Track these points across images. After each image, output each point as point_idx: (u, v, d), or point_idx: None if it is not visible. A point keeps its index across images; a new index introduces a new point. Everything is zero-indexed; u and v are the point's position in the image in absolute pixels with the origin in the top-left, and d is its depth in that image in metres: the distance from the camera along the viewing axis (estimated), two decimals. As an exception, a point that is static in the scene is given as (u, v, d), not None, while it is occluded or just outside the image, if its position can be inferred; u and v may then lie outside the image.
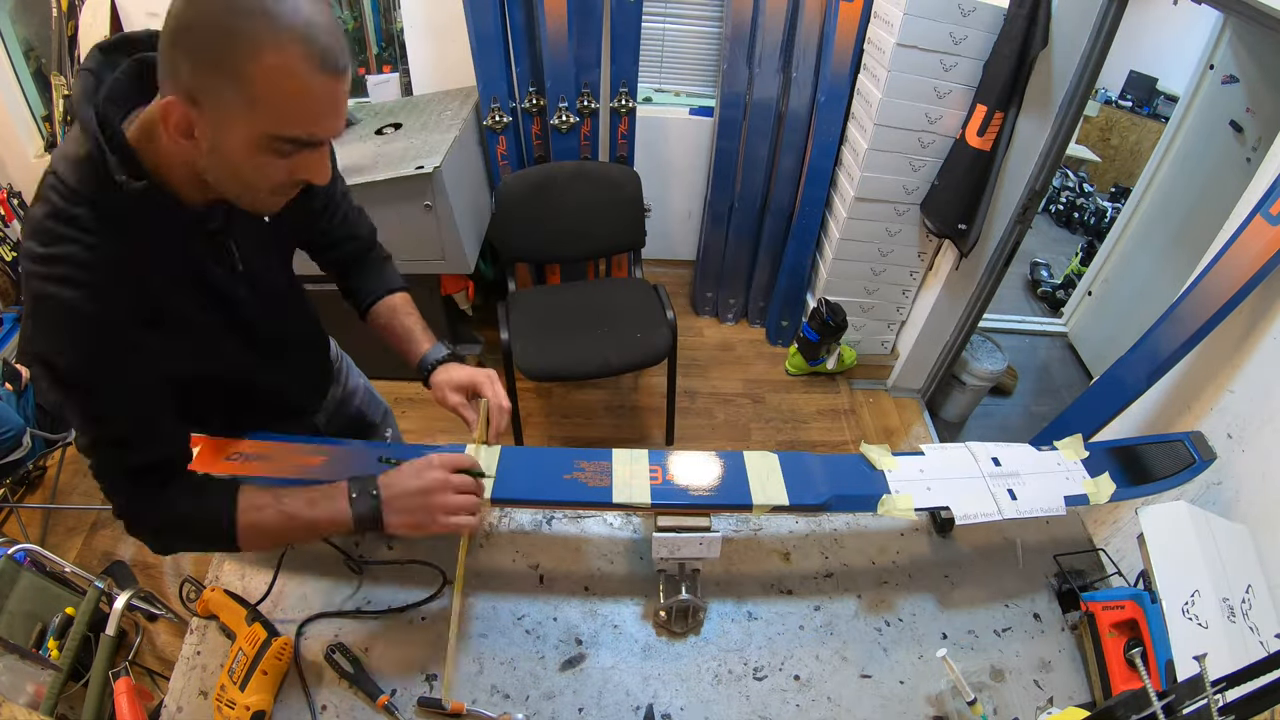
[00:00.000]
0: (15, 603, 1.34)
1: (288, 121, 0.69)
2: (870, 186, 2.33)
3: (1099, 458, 1.10)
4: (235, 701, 0.82)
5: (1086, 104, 2.04)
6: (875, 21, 2.22)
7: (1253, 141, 2.54)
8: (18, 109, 2.66)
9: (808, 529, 1.11)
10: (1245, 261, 1.22)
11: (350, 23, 2.54)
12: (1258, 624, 0.92)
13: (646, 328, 2.21)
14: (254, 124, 0.68)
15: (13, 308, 2.74)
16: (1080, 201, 4.51)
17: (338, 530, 0.86)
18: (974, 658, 0.97)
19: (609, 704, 0.90)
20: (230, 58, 0.64)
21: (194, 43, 0.65)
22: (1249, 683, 0.64)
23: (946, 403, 2.84)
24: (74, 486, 2.34)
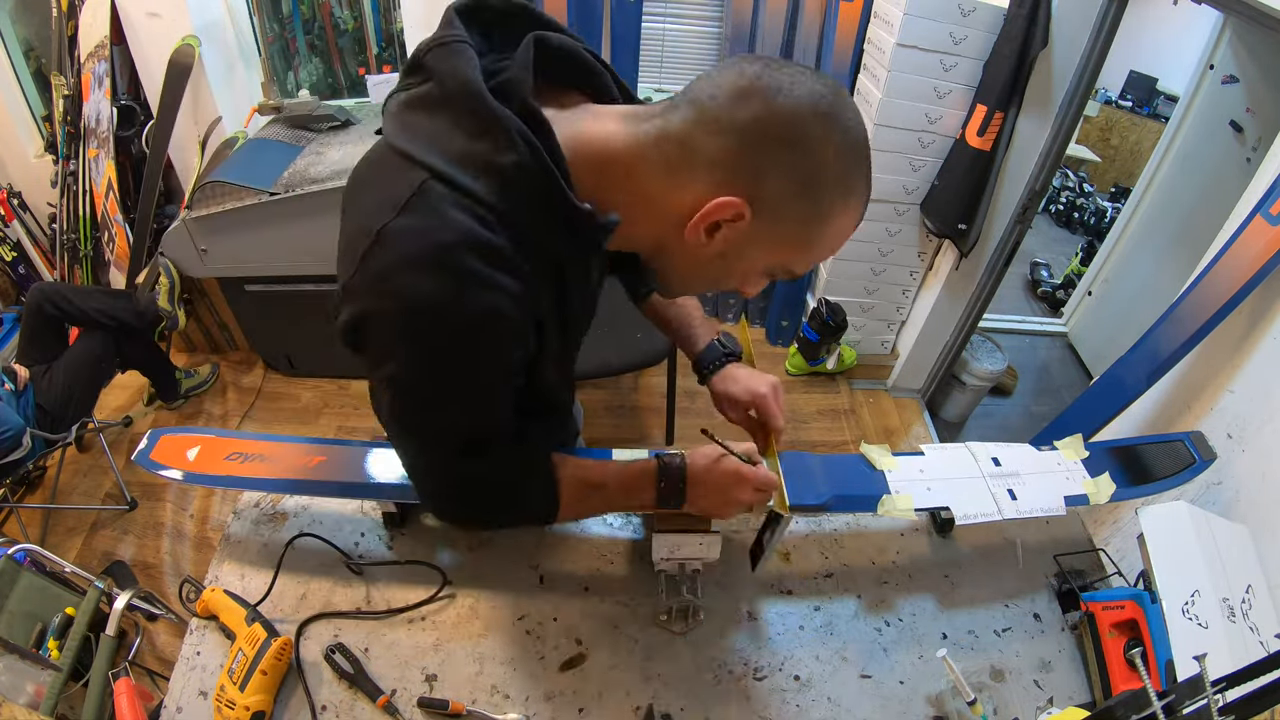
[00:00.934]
0: (15, 603, 1.34)
1: (810, 261, 0.67)
2: (870, 186, 2.33)
3: (1099, 457, 1.10)
4: (235, 702, 0.82)
5: (1086, 104, 2.04)
6: (875, 21, 2.22)
7: (1253, 141, 2.54)
8: (18, 109, 2.66)
9: (808, 529, 1.11)
10: (1245, 261, 1.22)
11: (350, 23, 2.54)
12: (1258, 624, 0.92)
13: (646, 328, 2.20)
14: (787, 256, 0.65)
15: (12, 308, 2.74)
16: (1080, 201, 4.51)
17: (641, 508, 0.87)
18: (974, 658, 0.97)
19: (609, 704, 0.90)
20: (827, 200, 0.61)
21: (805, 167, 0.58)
22: (1249, 683, 0.64)
23: (946, 403, 2.84)
24: (74, 486, 2.34)
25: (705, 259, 0.65)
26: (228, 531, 1.06)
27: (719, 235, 0.62)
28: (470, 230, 0.56)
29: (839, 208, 0.62)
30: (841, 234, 0.65)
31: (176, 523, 2.25)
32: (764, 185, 0.59)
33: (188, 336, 2.81)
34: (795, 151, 0.58)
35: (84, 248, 2.67)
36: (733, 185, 0.59)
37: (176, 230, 2.32)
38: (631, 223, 0.64)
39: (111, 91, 2.46)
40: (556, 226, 0.60)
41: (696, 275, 0.69)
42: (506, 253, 0.58)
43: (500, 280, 0.58)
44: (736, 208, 0.59)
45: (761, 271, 0.68)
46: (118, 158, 2.54)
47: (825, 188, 0.60)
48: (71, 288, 2.53)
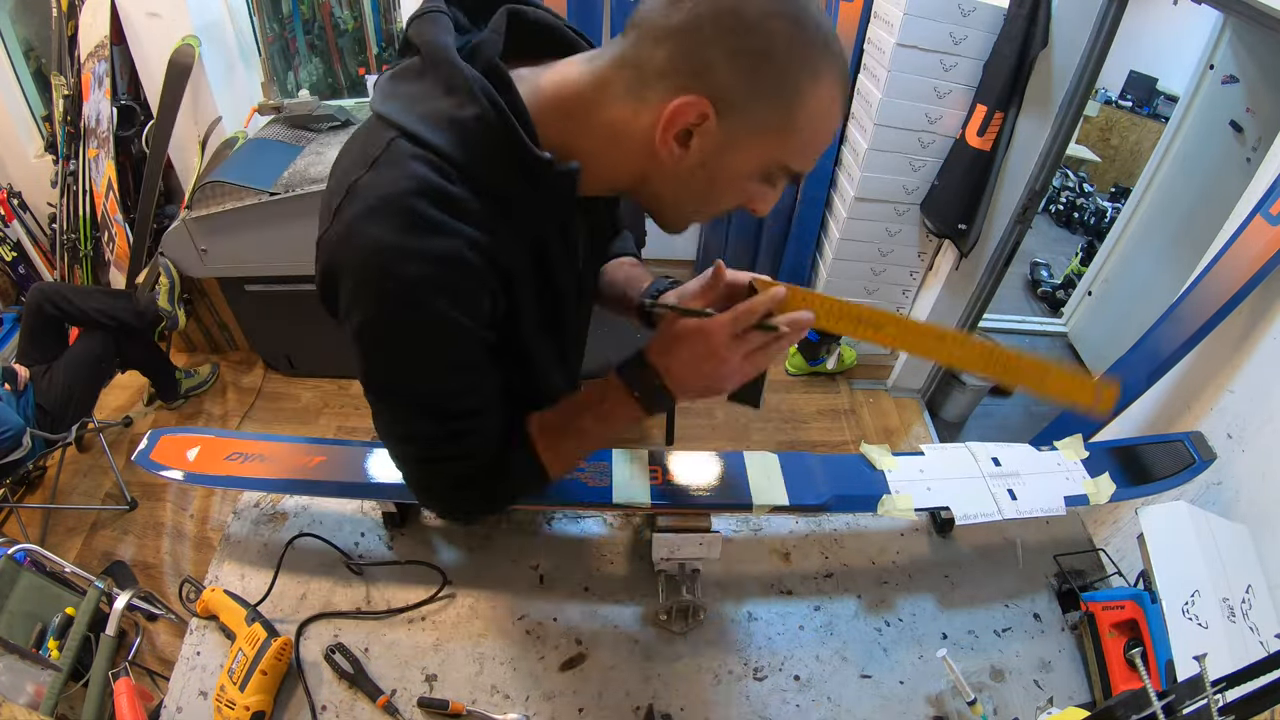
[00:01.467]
0: (15, 603, 1.34)
1: (804, 155, 0.64)
2: (870, 186, 2.33)
3: (1099, 457, 1.10)
4: (235, 702, 0.82)
5: (1086, 104, 2.05)
6: (875, 21, 2.22)
7: (1253, 141, 2.54)
8: (18, 109, 2.67)
9: (808, 529, 1.11)
10: (1245, 261, 1.22)
11: (350, 23, 2.54)
12: (1258, 624, 0.92)
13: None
14: (773, 149, 0.62)
15: (12, 308, 2.74)
16: (1080, 201, 4.51)
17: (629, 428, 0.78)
18: (974, 658, 0.97)
19: (609, 704, 0.90)
20: (791, 77, 0.58)
21: (755, 46, 0.56)
22: (1249, 683, 0.64)
23: (946, 403, 2.84)
24: (74, 486, 2.34)
25: (687, 173, 0.63)
26: (228, 531, 1.06)
27: (693, 144, 0.60)
28: (426, 179, 0.57)
29: (806, 83, 0.58)
30: (824, 114, 0.61)
31: (176, 523, 2.25)
32: (716, 78, 0.57)
33: (188, 336, 2.81)
34: (737, 35, 0.56)
35: (84, 248, 2.67)
36: (688, 88, 0.58)
37: (176, 230, 2.32)
38: (607, 161, 0.64)
39: (111, 91, 2.46)
40: (518, 179, 0.60)
41: (686, 195, 0.66)
42: (465, 202, 0.59)
43: (456, 226, 0.58)
44: (696, 106, 0.58)
45: (754, 174, 0.64)
46: (118, 158, 2.54)
47: (783, 65, 0.57)
48: (71, 288, 2.54)
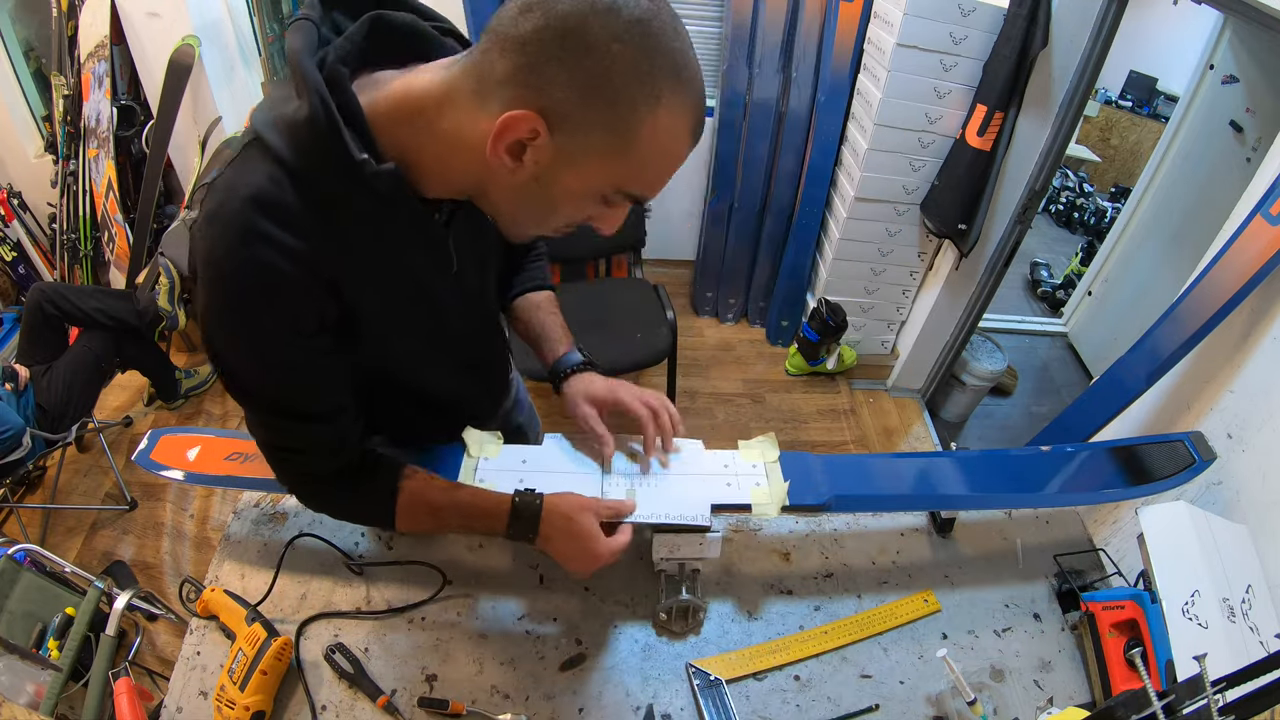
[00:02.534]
0: (15, 603, 1.34)
1: (642, 180, 0.64)
2: (870, 186, 2.33)
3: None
4: (235, 702, 0.82)
5: (1086, 104, 2.05)
6: (875, 21, 2.22)
7: (1253, 141, 2.54)
8: (18, 109, 2.67)
9: (808, 529, 1.11)
10: (1245, 261, 1.22)
11: (350, 22, 2.53)
12: (1258, 624, 0.92)
13: (646, 328, 2.21)
14: (610, 172, 0.62)
15: (12, 307, 2.74)
16: (1080, 201, 4.52)
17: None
18: (974, 658, 0.97)
19: (609, 704, 0.90)
20: (627, 101, 0.57)
21: (591, 67, 0.55)
22: (1249, 683, 0.64)
23: (946, 403, 2.84)
24: (74, 486, 2.34)
25: (520, 186, 0.63)
26: (228, 531, 1.06)
27: (527, 158, 0.60)
28: (259, 188, 0.60)
29: (645, 110, 0.57)
30: (665, 143, 0.61)
31: (176, 523, 2.25)
32: (552, 94, 0.56)
33: (188, 336, 2.81)
34: (576, 53, 0.55)
35: (84, 248, 2.67)
36: (523, 99, 0.57)
37: (176, 230, 2.32)
38: (448, 165, 0.64)
39: (111, 91, 2.46)
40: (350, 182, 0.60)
41: (522, 208, 0.67)
42: (292, 210, 0.60)
43: (276, 235, 0.60)
44: (527, 121, 0.57)
45: (590, 195, 0.64)
46: (118, 158, 2.54)
47: (620, 88, 0.56)
48: (71, 288, 2.53)
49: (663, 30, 0.57)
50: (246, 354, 0.67)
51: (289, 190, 0.60)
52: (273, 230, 0.60)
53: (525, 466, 0.96)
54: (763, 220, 2.76)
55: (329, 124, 0.58)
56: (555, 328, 1.04)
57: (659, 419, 0.96)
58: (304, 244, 0.61)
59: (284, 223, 0.60)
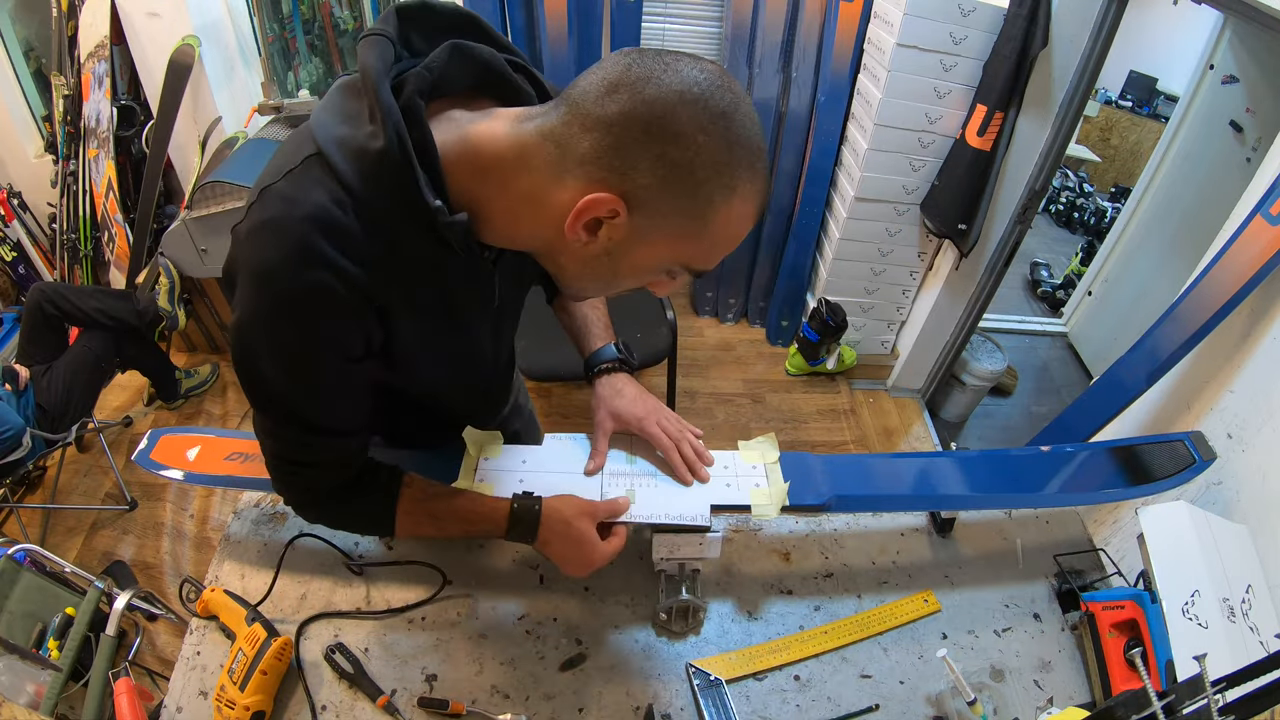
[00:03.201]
0: (15, 603, 1.34)
1: (708, 259, 0.65)
2: (870, 186, 2.33)
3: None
4: (235, 701, 0.82)
5: (1086, 104, 2.05)
6: (875, 21, 2.22)
7: (1253, 141, 2.54)
8: (18, 109, 2.67)
9: (808, 529, 1.11)
10: (1245, 261, 1.22)
11: (350, 23, 2.53)
12: (1258, 624, 0.92)
13: (646, 328, 2.21)
14: (680, 251, 0.63)
15: (12, 308, 2.74)
16: (1080, 201, 4.51)
17: None
18: (974, 658, 0.97)
19: (609, 704, 0.90)
20: (705, 191, 0.58)
21: (675, 158, 0.56)
22: (1249, 683, 0.64)
23: (946, 403, 2.84)
24: (74, 486, 2.34)
25: (592, 258, 0.64)
26: (228, 531, 1.06)
27: (601, 233, 0.61)
28: (322, 207, 0.59)
29: (720, 199, 0.59)
30: (734, 226, 0.62)
31: (176, 523, 2.25)
32: (635, 179, 0.58)
33: (188, 336, 2.81)
34: (663, 142, 0.56)
35: (84, 248, 2.67)
36: (605, 181, 0.58)
37: (176, 230, 2.32)
38: (516, 223, 0.65)
39: (111, 91, 2.46)
40: (413, 219, 0.60)
41: (588, 275, 0.68)
42: (353, 235, 0.60)
43: (336, 260, 0.59)
44: (610, 204, 0.58)
45: (657, 269, 0.66)
46: (118, 158, 2.54)
47: (701, 179, 0.58)
48: (71, 288, 2.54)
49: (743, 122, 0.58)
50: (281, 367, 0.66)
51: (351, 216, 0.60)
52: (333, 254, 0.59)
53: (525, 466, 0.96)
54: (763, 220, 2.76)
55: (404, 162, 0.58)
56: (597, 322, 1.05)
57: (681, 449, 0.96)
58: (362, 271, 0.61)
59: (344, 249, 0.60)
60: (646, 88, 0.56)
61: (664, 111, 0.56)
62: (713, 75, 0.57)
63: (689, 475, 0.95)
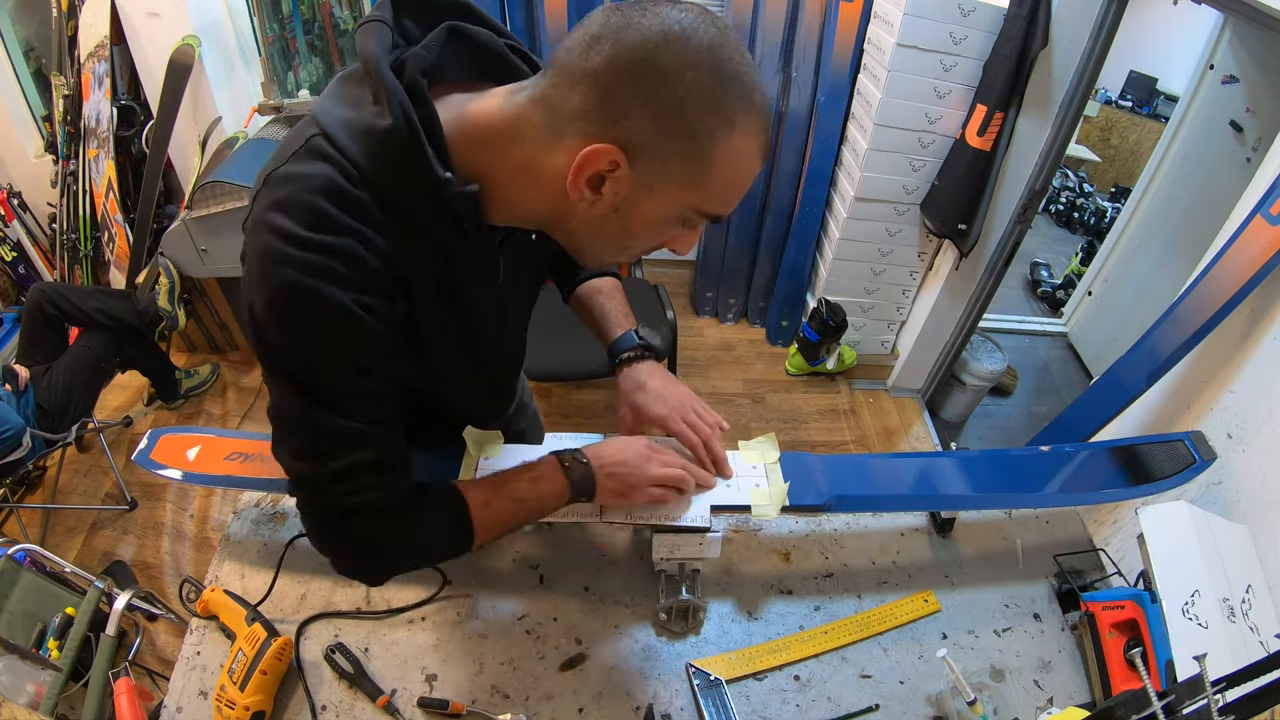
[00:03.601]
0: (15, 603, 1.34)
1: (719, 200, 0.64)
2: (870, 186, 2.33)
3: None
4: (235, 701, 0.82)
5: (1086, 104, 2.05)
6: (875, 21, 2.22)
7: (1253, 141, 2.54)
8: (18, 109, 2.67)
9: (808, 529, 1.11)
10: (1245, 261, 1.22)
11: (350, 23, 2.53)
12: (1258, 624, 0.92)
13: (646, 328, 2.21)
14: (689, 197, 0.62)
15: (12, 308, 2.74)
16: (1080, 201, 4.52)
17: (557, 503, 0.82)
18: (974, 658, 0.97)
19: (609, 704, 0.90)
20: (703, 128, 0.57)
21: (666, 97, 0.56)
22: (1249, 683, 0.64)
23: (946, 403, 2.84)
24: (74, 486, 2.34)
25: (600, 218, 0.63)
26: (228, 531, 1.06)
27: (606, 190, 0.60)
28: (330, 179, 0.58)
29: (720, 135, 0.58)
30: (740, 163, 0.61)
31: (176, 523, 2.25)
32: (629, 126, 0.57)
33: (188, 336, 2.81)
34: (651, 83, 0.55)
35: (84, 248, 2.67)
36: (600, 134, 0.57)
37: (176, 230, 2.32)
38: (521, 195, 0.64)
39: (111, 91, 2.46)
40: (423, 195, 0.60)
41: (601, 238, 0.66)
42: (366, 205, 0.59)
43: (354, 225, 0.58)
44: (608, 154, 0.58)
45: (669, 220, 0.65)
46: (118, 158, 2.54)
47: (695, 116, 0.57)
48: (71, 288, 2.54)
49: (731, 55, 0.57)
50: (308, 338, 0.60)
51: (362, 190, 0.59)
52: (348, 220, 0.58)
53: None
54: (763, 220, 2.76)
55: (411, 137, 0.58)
56: (615, 311, 1.02)
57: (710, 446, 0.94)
58: (378, 235, 0.60)
59: (359, 216, 0.59)
60: (627, 34, 0.55)
61: (647, 54, 0.55)
62: (693, 13, 0.57)
63: (710, 479, 0.93)
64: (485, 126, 0.63)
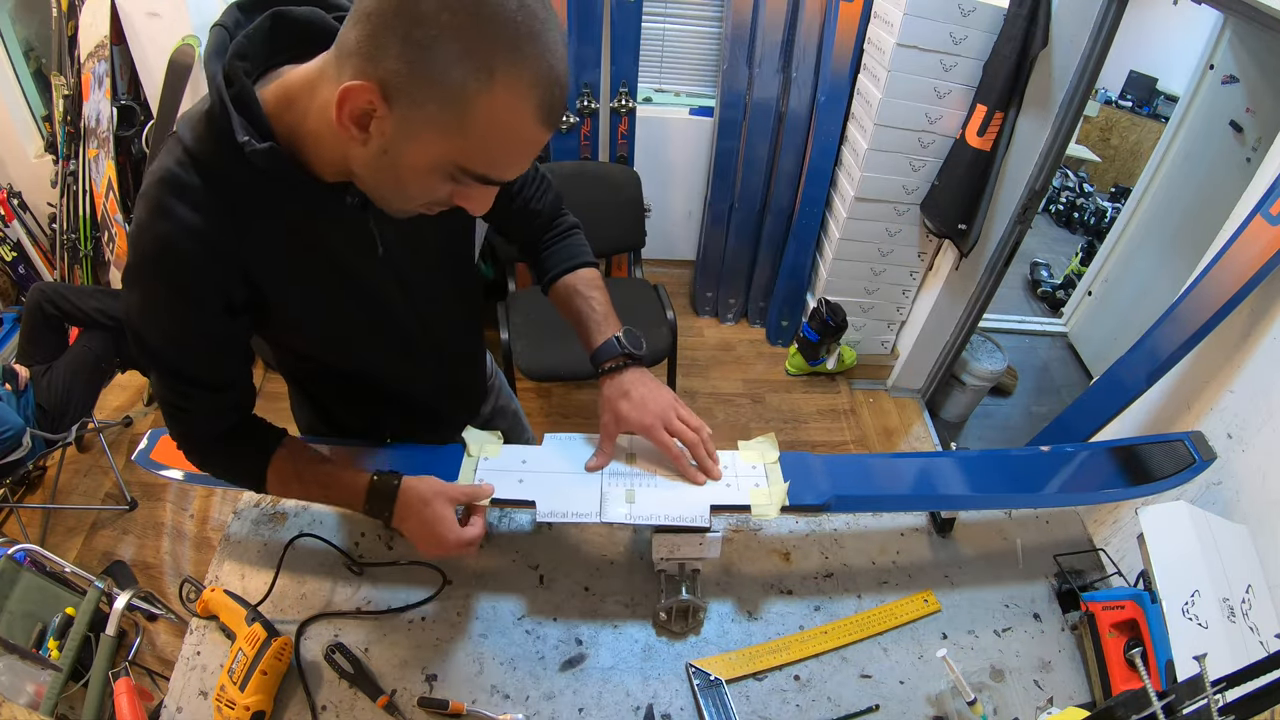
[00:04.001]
0: (15, 603, 1.34)
1: (485, 161, 0.63)
2: (870, 186, 2.33)
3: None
4: (235, 701, 0.82)
5: (1086, 104, 2.05)
6: (875, 21, 2.22)
7: (1253, 141, 2.54)
8: (18, 109, 2.67)
9: (808, 529, 1.11)
10: (1245, 261, 1.22)
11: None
12: (1258, 624, 0.92)
13: (646, 328, 2.20)
14: (448, 149, 0.61)
15: (12, 307, 2.74)
16: (1080, 201, 4.51)
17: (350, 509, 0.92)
18: (974, 658, 0.97)
19: (609, 704, 0.90)
20: (456, 76, 0.55)
21: (420, 38, 0.54)
22: (1249, 683, 0.64)
23: (946, 403, 2.84)
24: (74, 486, 2.34)
25: (372, 159, 0.63)
26: (228, 531, 1.06)
27: (372, 129, 0.60)
28: (168, 169, 0.66)
29: (475, 86, 0.56)
30: (506, 121, 0.59)
31: (176, 523, 2.25)
32: (387, 65, 0.56)
33: (188, 336, 2.80)
34: (409, 23, 0.54)
35: (84, 248, 2.67)
36: (365, 71, 0.57)
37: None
38: (323, 144, 0.66)
39: (111, 91, 2.46)
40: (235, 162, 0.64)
41: (380, 182, 0.67)
42: (193, 189, 0.65)
43: (179, 211, 0.65)
44: (364, 92, 0.57)
45: (436, 171, 0.63)
46: (118, 158, 2.54)
47: (448, 62, 0.55)
48: (71, 288, 2.53)
49: (508, 3, 0.55)
50: (146, 318, 0.72)
51: (192, 173, 0.65)
52: (175, 205, 0.65)
53: (525, 466, 0.97)
54: (763, 220, 2.76)
55: (222, 113, 0.62)
56: (597, 315, 1.00)
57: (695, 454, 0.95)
58: (201, 221, 0.66)
59: (184, 199, 0.65)
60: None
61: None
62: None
63: (699, 478, 0.94)
64: (296, 87, 0.66)
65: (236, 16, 0.67)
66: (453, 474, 0.94)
